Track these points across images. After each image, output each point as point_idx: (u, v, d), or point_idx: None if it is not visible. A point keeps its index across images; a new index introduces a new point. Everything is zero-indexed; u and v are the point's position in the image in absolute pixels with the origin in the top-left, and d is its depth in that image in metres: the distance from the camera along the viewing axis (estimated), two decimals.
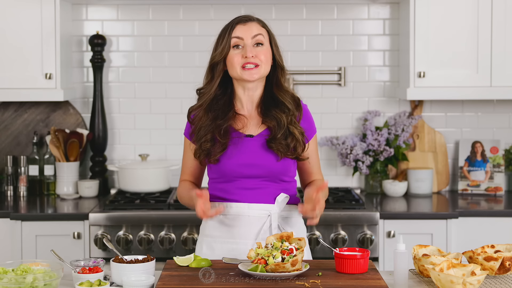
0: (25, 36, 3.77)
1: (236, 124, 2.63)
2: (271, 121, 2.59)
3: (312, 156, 2.70)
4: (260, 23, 2.64)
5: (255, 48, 2.58)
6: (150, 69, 4.13)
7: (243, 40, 2.58)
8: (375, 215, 3.49)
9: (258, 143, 2.60)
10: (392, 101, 4.16)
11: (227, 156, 2.59)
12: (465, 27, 3.77)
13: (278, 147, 2.57)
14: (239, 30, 2.59)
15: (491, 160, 4.03)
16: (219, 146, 2.58)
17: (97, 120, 4.04)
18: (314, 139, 2.71)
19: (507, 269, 2.37)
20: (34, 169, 4.03)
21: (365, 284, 2.22)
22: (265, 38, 2.61)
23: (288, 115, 2.60)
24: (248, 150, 2.59)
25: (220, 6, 4.09)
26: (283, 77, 2.64)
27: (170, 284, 2.22)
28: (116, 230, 3.48)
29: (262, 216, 2.60)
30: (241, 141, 2.60)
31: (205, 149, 2.59)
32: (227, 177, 2.61)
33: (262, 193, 2.61)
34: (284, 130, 2.58)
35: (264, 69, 2.59)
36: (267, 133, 2.61)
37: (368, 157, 4.00)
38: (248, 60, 2.56)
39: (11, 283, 2.16)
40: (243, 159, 2.58)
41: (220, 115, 2.61)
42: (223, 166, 2.60)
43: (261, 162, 2.58)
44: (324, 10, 4.12)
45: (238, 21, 2.61)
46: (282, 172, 2.62)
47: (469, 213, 3.60)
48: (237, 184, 2.61)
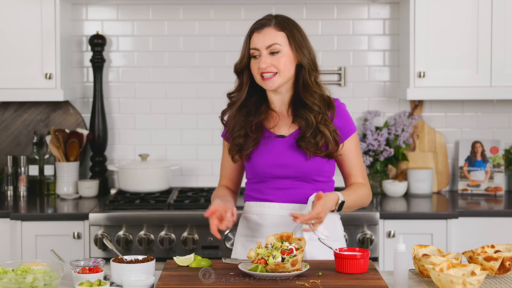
0: (25, 36, 3.77)
1: (268, 122, 2.63)
2: (300, 120, 2.58)
3: (349, 156, 2.64)
4: (278, 27, 2.57)
5: (270, 56, 2.54)
6: (150, 69, 4.13)
7: (259, 50, 2.56)
8: (375, 215, 3.49)
9: (288, 143, 2.59)
10: (392, 101, 4.16)
11: (258, 155, 2.59)
12: (465, 27, 3.77)
13: (307, 146, 2.54)
14: (255, 39, 2.57)
15: (491, 160, 4.03)
16: (251, 141, 2.58)
17: (97, 120, 4.04)
18: (352, 139, 2.64)
19: (507, 269, 2.37)
20: (34, 169, 4.03)
21: (365, 284, 2.22)
22: (282, 44, 2.55)
23: (317, 115, 2.56)
24: (278, 150, 2.59)
25: (220, 6, 4.09)
26: (311, 77, 2.58)
27: (170, 284, 2.22)
28: (116, 230, 3.48)
29: (286, 215, 2.58)
30: (272, 141, 2.60)
31: (237, 144, 2.60)
32: (260, 177, 2.62)
33: (295, 193, 2.59)
34: (313, 129, 2.55)
35: (284, 76, 2.55)
36: (298, 133, 2.60)
37: (368, 157, 4.00)
38: (264, 70, 2.54)
39: (11, 283, 2.16)
40: (273, 159, 2.58)
41: (253, 111, 2.62)
42: (255, 166, 2.60)
43: (290, 162, 2.57)
44: (324, 10, 4.12)
45: (254, 29, 2.58)
46: (314, 171, 2.59)
47: (469, 213, 3.60)
48: (270, 184, 2.61)
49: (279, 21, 2.59)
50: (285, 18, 2.62)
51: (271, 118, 2.64)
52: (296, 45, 2.57)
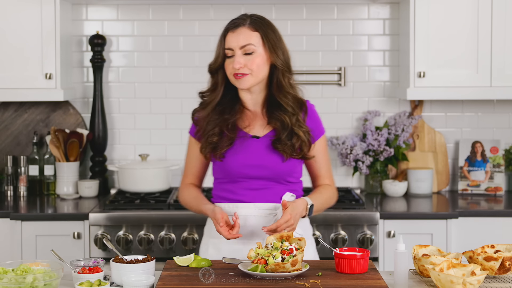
0: (25, 36, 3.77)
1: (242, 122, 2.62)
2: (275, 122, 2.59)
3: (318, 157, 2.68)
4: (253, 27, 2.57)
5: (244, 57, 2.54)
6: (150, 69, 4.13)
7: (233, 50, 2.55)
8: (375, 215, 3.49)
9: (264, 144, 2.60)
10: (392, 101, 4.16)
11: (232, 154, 2.59)
12: (465, 27, 3.77)
13: (284, 148, 2.56)
14: (229, 39, 2.56)
15: (491, 160, 4.03)
16: (226, 140, 2.57)
17: (97, 120, 4.04)
18: (322, 140, 2.68)
19: (507, 269, 2.37)
20: (34, 169, 4.03)
21: (365, 284, 2.22)
22: (256, 44, 2.55)
23: (291, 116, 2.58)
24: (254, 151, 2.59)
25: (220, 6, 4.09)
26: (285, 78, 2.59)
27: (170, 284, 2.22)
28: (116, 230, 3.48)
29: (268, 216, 2.59)
30: (246, 141, 2.59)
31: (211, 142, 2.58)
32: (232, 177, 2.61)
33: (268, 193, 2.61)
34: (288, 131, 2.57)
35: (256, 77, 2.56)
36: (273, 134, 2.60)
37: (368, 157, 4.00)
38: (237, 71, 2.54)
39: (11, 283, 2.16)
40: (248, 160, 2.58)
41: (228, 110, 2.61)
42: (228, 165, 2.59)
43: (266, 163, 2.58)
44: (324, 10, 4.12)
45: (228, 28, 2.58)
46: (288, 173, 2.62)
47: (469, 213, 3.60)
48: (242, 185, 2.61)
49: (254, 21, 2.59)
50: (260, 18, 2.62)
51: (245, 117, 2.63)
52: (270, 46, 2.57)
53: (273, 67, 2.60)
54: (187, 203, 2.75)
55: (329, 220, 3.47)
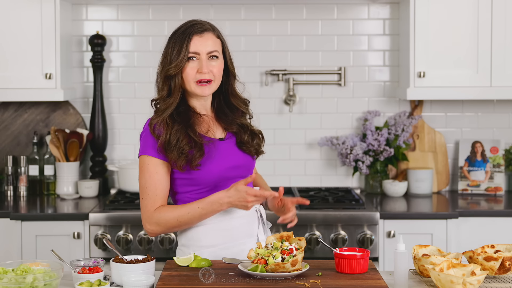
0: (25, 36, 3.77)
1: (202, 127, 2.60)
2: (233, 126, 2.63)
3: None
4: (215, 33, 2.58)
5: (210, 61, 2.54)
6: (150, 69, 4.12)
7: (199, 54, 2.53)
8: (375, 215, 3.49)
9: (231, 145, 2.62)
10: (392, 101, 4.16)
11: (210, 161, 2.53)
12: (465, 27, 3.77)
13: (250, 149, 2.63)
14: (196, 43, 2.52)
15: (491, 160, 4.03)
16: (197, 150, 2.50)
17: (97, 120, 4.04)
18: None
19: (507, 269, 2.37)
20: (34, 169, 4.03)
21: (365, 284, 2.22)
22: (219, 51, 2.57)
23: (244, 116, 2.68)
24: (229, 153, 2.59)
25: (220, 6, 4.09)
26: (234, 84, 2.66)
27: (170, 284, 2.22)
28: (116, 230, 3.48)
29: (253, 211, 2.60)
30: (216, 145, 2.57)
31: (185, 153, 2.48)
32: (212, 183, 2.54)
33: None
34: (249, 132, 2.65)
35: (217, 84, 2.58)
36: (231, 135, 2.63)
37: (368, 157, 4.00)
38: (202, 77, 2.52)
39: (11, 283, 2.16)
40: (227, 162, 2.56)
41: (184, 117, 2.55)
42: (210, 172, 2.52)
43: (242, 162, 2.62)
44: (324, 10, 4.12)
45: (194, 32, 2.53)
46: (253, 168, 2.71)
47: (469, 213, 3.60)
48: (221, 189, 2.54)
49: (214, 28, 2.60)
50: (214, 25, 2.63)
51: (202, 122, 2.61)
52: (227, 54, 2.62)
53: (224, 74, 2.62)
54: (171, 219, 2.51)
55: (329, 220, 3.48)
